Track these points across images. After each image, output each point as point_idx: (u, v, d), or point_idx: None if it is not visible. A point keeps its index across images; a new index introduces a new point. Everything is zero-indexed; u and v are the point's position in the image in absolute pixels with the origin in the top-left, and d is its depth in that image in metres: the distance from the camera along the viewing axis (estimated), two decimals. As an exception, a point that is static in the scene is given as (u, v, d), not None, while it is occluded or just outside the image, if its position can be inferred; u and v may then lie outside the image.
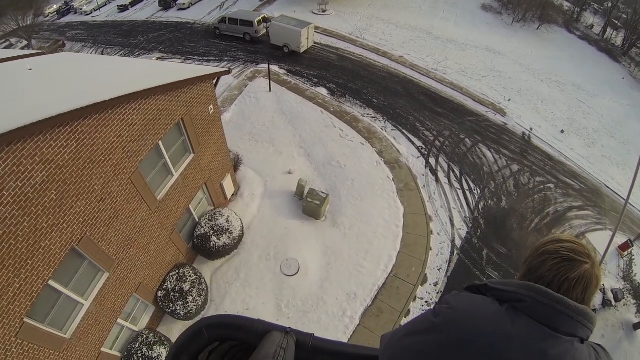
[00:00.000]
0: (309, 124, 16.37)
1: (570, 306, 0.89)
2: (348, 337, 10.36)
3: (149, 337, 8.49)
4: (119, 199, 6.99)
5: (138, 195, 7.50)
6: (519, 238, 13.25)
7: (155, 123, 7.49)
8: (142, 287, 8.58)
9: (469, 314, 0.96)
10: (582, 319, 0.89)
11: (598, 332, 11.69)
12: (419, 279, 11.56)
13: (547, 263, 0.98)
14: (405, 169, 14.42)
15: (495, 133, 17.02)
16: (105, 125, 6.20)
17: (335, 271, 11.33)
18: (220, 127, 11.06)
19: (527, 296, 0.92)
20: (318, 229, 12.34)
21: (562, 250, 0.98)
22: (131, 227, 7.61)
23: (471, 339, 0.90)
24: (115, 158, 6.58)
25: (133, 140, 6.94)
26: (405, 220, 12.67)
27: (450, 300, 1.03)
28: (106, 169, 6.44)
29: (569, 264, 0.96)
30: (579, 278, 0.94)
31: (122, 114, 6.52)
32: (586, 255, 0.97)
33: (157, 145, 7.87)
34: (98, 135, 6.08)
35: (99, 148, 6.16)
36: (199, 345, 1.07)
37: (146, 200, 7.80)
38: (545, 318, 0.89)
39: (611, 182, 16.91)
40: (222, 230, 10.86)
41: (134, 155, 7.05)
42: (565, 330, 0.88)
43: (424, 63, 20.78)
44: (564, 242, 1.01)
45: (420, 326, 1.04)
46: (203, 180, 10.45)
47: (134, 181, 7.25)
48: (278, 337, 1.06)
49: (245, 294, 10.92)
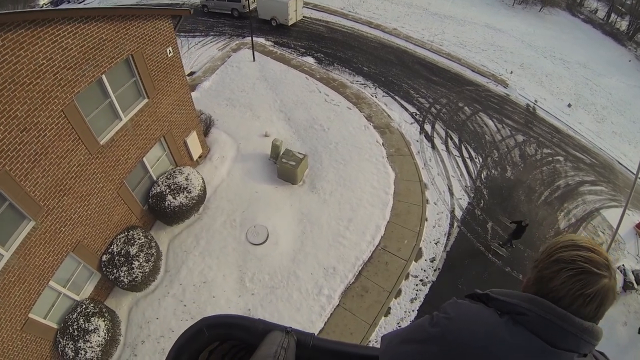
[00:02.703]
0: (291, 89, 14.67)
1: (575, 324, 0.83)
2: (324, 320, 8.45)
3: (88, 308, 7.40)
4: (47, 132, 6.21)
5: (73, 133, 6.69)
6: (528, 211, 11.50)
7: (96, 53, 6.73)
8: (82, 248, 7.52)
9: (466, 326, 0.92)
10: (587, 337, 0.83)
11: (620, 318, 10.00)
12: (412, 254, 9.71)
13: (562, 275, 0.87)
14: (397, 134, 12.68)
15: (497, 103, 15.40)
16: (32, 44, 5.58)
17: (311, 241, 9.45)
18: (182, 76, 9.86)
19: (528, 310, 0.87)
20: (294, 194, 10.49)
21: (579, 261, 0.86)
22: (64, 170, 6.72)
23: (468, 351, 0.87)
24: (44, 84, 5.90)
25: (67, 68, 6.23)
26: (397, 187, 10.87)
27: (448, 309, 0.99)
28: (32, 94, 5.77)
29: (586, 278, 0.85)
30: (595, 294, 0.84)
31: (54, 35, 5.88)
32: (605, 267, 0.86)
33: (101, 81, 7.10)
34: (23, 53, 5.47)
35: (23, 68, 5.52)
36: (199, 344, 1.05)
37: (84, 141, 6.95)
38: (545, 333, 0.84)
39: (623, 159, 15.35)
40: (179, 189, 9.33)
41: (68, 85, 6.32)
42: (566, 347, 0.83)
43: (419, 35, 19.26)
44: (582, 250, 0.88)
45: (418, 335, 1.00)
46: (161, 132, 9.32)
47: (68, 115, 6.46)
48: (279, 336, 1.05)
49: (204, 264, 9.06)
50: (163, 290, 8.76)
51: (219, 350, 1.11)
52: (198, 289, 8.77)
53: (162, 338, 8.09)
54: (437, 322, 0.96)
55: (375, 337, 8.51)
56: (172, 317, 8.36)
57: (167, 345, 7.92)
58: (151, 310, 8.44)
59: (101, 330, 7.25)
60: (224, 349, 1.12)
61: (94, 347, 7.08)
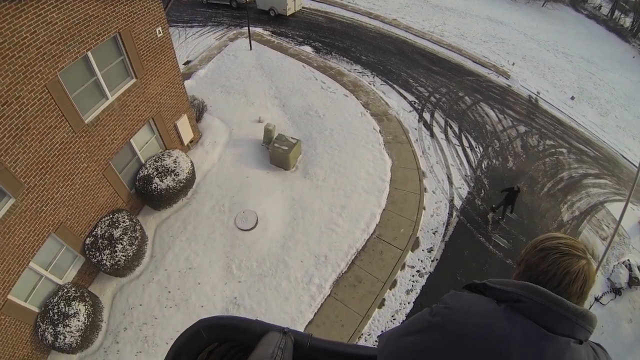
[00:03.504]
0: (287, 76, 14.23)
1: (568, 308, 0.88)
2: (314, 311, 7.99)
3: (70, 292, 7.13)
4: (30, 107, 6.02)
5: (57, 109, 6.49)
6: (531, 202, 11.05)
7: (82, 29, 6.54)
8: (65, 229, 7.25)
9: (466, 314, 0.94)
10: (581, 321, 0.88)
11: (625, 315, 9.56)
12: (409, 243, 9.25)
13: (548, 258, 0.97)
14: (395, 122, 12.23)
15: (498, 94, 14.96)
16: (16, 16, 5.38)
17: (302, 228, 8.99)
18: (172, 57, 9.65)
19: (524, 296, 0.91)
20: (286, 180, 10.03)
21: (561, 246, 0.98)
22: (47, 148, 6.52)
23: (468, 338, 0.89)
24: (27, 57, 5.72)
25: (52, 42, 6.05)
26: (394, 174, 10.41)
27: (447, 300, 1.02)
28: (14, 67, 5.58)
29: (569, 259, 0.95)
30: (579, 272, 0.94)
31: (38, 8, 5.69)
32: (582, 251, 0.97)
33: (87, 58, 6.90)
34: (5, 26, 5.29)
35: (5, 40, 5.34)
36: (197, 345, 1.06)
37: (68, 118, 6.74)
38: (542, 319, 0.88)
39: (628, 153, 14.92)
40: (167, 172, 9.02)
41: (52, 60, 6.15)
42: (561, 332, 0.87)
43: (419, 26, 18.84)
44: (562, 239, 1.00)
45: (418, 326, 1.02)
46: (150, 113, 9.07)
47: (52, 91, 6.26)
48: (276, 337, 1.04)
49: (190, 249, 8.63)
50: (148, 276, 8.37)
51: (217, 352, 1.11)
52: (183, 275, 8.34)
53: (144, 325, 7.69)
54: (437, 312, 0.99)
55: (369, 330, 8.05)
56: (156, 304, 7.97)
57: (149, 333, 7.53)
58: (135, 297, 8.08)
59: (81, 315, 6.96)
60: (223, 350, 1.13)
61: (73, 332, 6.79)
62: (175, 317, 7.79)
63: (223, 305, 8.02)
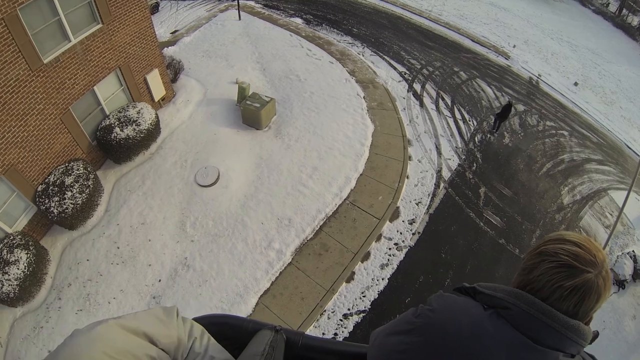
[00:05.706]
0: (272, 44, 13.30)
1: (558, 320, 0.80)
2: (271, 279, 6.93)
3: (15, 239, 6.71)
4: None
5: (12, 42, 6.17)
6: (528, 181, 10.02)
7: None
8: (15, 172, 6.86)
9: (449, 318, 0.90)
10: (572, 335, 0.80)
11: (629, 312, 8.54)
12: (387, 212, 8.20)
13: (542, 266, 0.85)
14: (382, 90, 11.23)
15: (496, 72, 13.99)
16: None
17: (266, 188, 7.95)
18: (144, 7, 9.32)
19: (513, 304, 0.84)
20: (255, 139, 9.03)
21: (561, 254, 0.83)
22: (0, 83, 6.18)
23: (450, 343, 0.85)
24: None
25: None
26: (375, 139, 9.38)
27: (433, 302, 0.98)
28: None
29: (567, 271, 0.81)
30: (574, 288, 0.80)
31: None
32: (591, 263, 0.81)
33: None
34: None
35: None
36: None
37: (25, 55, 6.46)
38: (528, 329, 0.81)
39: (633, 144, 13.93)
40: (128, 121, 8.45)
41: None
42: (548, 344, 0.80)
43: (417, 4, 17.95)
44: (567, 244, 0.84)
45: (402, 326, 0.99)
46: (116, 62, 8.77)
47: (9, 24, 5.98)
48: (267, 335, 1.04)
49: (145, 204, 7.74)
50: (99, 230, 7.55)
51: None
52: (135, 230, 7.40)
53: (89, 282, 6.87)
54: (420, 314, 0.95)
55: (333, 306, 6.98)
56: (103, 260, 7.14)
57: (92, 291, 6.69)
58: (84, 251, 7.27)
59: (21, 263, 6.40)
60: None
61: (11, 280, 6.27)
62: (120, 275, 6.89)
63: (172, 265, 7.01)
